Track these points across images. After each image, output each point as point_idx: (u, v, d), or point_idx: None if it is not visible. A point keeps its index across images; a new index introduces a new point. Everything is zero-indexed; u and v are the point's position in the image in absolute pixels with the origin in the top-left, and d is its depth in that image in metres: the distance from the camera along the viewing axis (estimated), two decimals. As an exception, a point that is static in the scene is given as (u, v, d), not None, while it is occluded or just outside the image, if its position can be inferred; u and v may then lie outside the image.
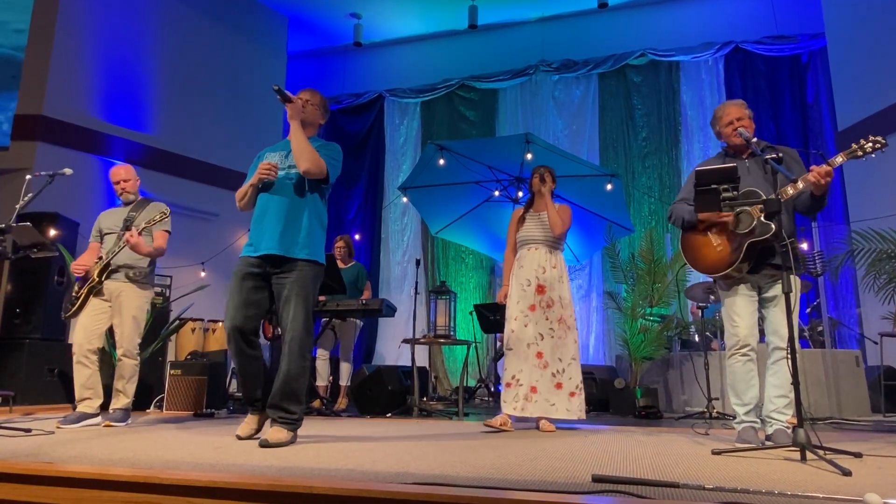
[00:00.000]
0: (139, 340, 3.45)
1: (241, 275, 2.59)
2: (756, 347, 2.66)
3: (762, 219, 2.51)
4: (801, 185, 2.45)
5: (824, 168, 2.38)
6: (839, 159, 2.43)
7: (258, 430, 2.66)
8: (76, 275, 3.44)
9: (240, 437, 2.61)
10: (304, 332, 2.53)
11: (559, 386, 3.25)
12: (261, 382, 2.67)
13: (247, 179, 2.73)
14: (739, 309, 2.64)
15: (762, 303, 2.68)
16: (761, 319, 2.71)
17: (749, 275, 2.63)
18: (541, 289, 3.35)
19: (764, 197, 2.50)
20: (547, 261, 3.40)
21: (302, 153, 2.55)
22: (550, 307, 3.33)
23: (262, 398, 2.64)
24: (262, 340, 6.51)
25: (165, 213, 3.41)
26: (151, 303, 3.72)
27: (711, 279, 2.86)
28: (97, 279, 3.36)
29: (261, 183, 2.65)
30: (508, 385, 3.30)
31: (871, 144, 2.40)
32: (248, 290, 2.58)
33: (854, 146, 2.44)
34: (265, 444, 2.36)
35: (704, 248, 2.68)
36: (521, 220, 3.54)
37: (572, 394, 3.26)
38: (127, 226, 3.41)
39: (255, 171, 2.67)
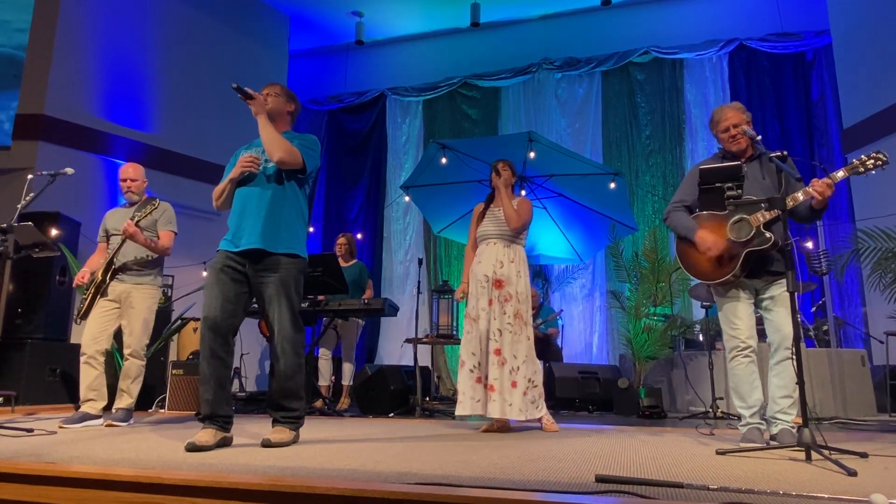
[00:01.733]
0: (147, 341, 3.45)
1: (220, 267, 2.47)
2: (756, 348, 2.64)
3: (761, 228, 2.51)
4: (801, 196, 2.45)
5: (826, 182, 2.38)
6: (840, 174, 2.44)
7: (214, 446, 2.32)
8: (77, 284, 3.44)
9: (194, 447, 2.23)
10: (293, 329, 2.49)
11: (514, 384, 3.12)
12: (228, 396, 2.45)
13: (223, 179, 2.66)
14: (739, 312, 2.63)
15: (760, 303, 2.67)
16: (760, 320, 2.70)
17: (746, 279, 2.62)
18: (498, 283, 3.24)
19: (762, 204, 2.50)
20: (504, 255, 3.28)
21: (272, 144, 2.50)
22: (508, 301, 3.21)
23: (224, 415, 2.42)
24: (261, 339, 6.51)
25: (155, 205, 3.39)
26: None
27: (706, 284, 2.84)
28: (101, 279, 3.36)
29: (241, 177, 2.60)
30: (479, 380, 3.19)
31: (872, 161, 2.41)
32: (227, 283, 2.45)
33: (856, 162, 2.44)
34: (268, 444, 2.36)
35: (701, 256, 2.67)
36: (482, 216, 3.45)
37: (525, 392, 3.12)
38: None
39: (231, 168, 2.63)
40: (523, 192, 5.60)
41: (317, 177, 2.78)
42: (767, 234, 2.51)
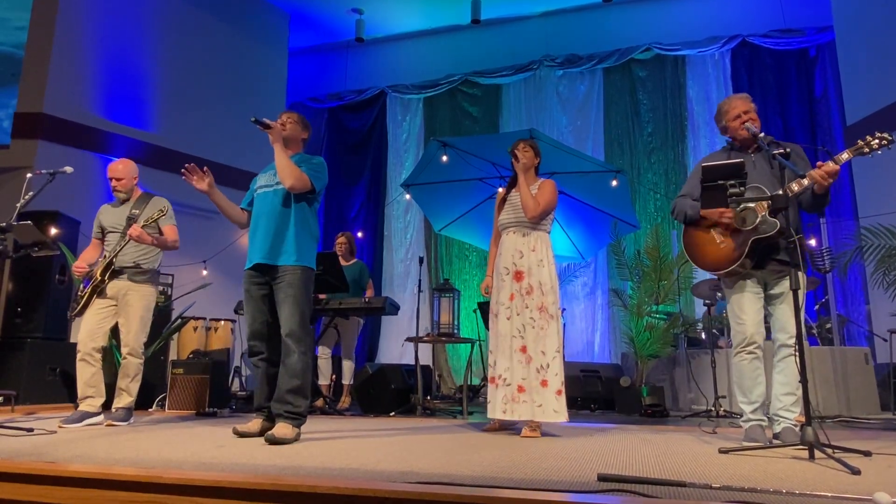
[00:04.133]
0: (145, 339, 3.44)
1: (247, 287, 2.81)
2: (762, 345, 2.62)
3: (767, 215, 2.48)
4: (806, 181, 2.42)
5: (831, 167, 2.34)
6: (845, 156, 2.40)
7: (258, 433, 2.69)
8: (77, 275, 3.43)
9: (237, 432, 2.68)
10: (299, 328, 2.65)
11: (545, 383, 2.88)
12: (271, 391, 2.74)
13: (243, 203, 3.00)
14: (745, 306, 2.61)
15: (768, 300, 2.65)
16: (767, 316, 2.68)
17: (754, 270, 2.60)
18: (519, 275, 3.03)
19: (768, 192, 2.48)
20: (524, 244, 3.07)
21: (285, 171, 2.73)
22: (530, 294, 2.98)
23: (269, 407, 2.72)
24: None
25: (164, 210, 3.40)
26: None
27: (715, 276, 2.83)
28: (100, 278, 3.35)
29: (209, 195, 2.88)
30: (496, 386, 3.01)
31: (877, 141, 2.38)
32: (255, 300, 2.78)
33: (860, 143, 2.41)
34: (270, 439, 2.43)
35: (708, 246, 2.65)
36: (503, 202, 3.22)
37: (559, 391, 2.89)
38: (130, 224, 3.39)
39: (251, 193, 2.96)
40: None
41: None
42: (773, 221, 2.48)
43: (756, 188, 2.52)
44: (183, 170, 2.84)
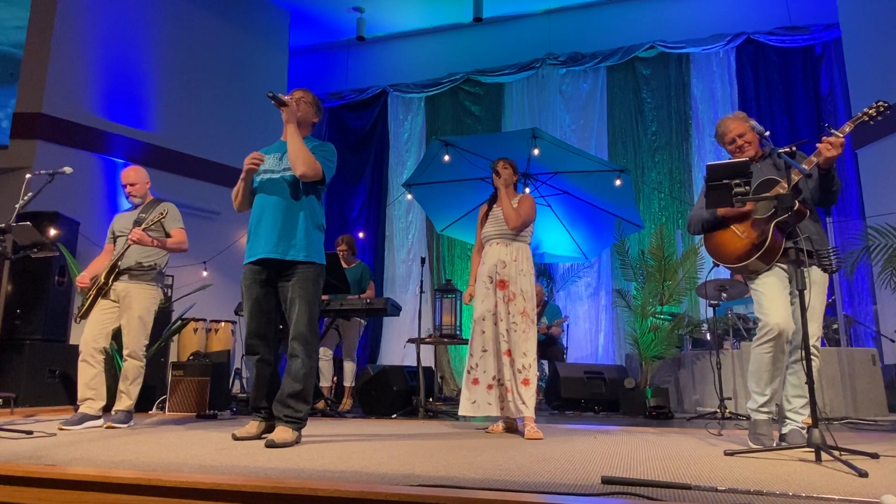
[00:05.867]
0: (146, 342, 3.43)
1: (248, 284, 2.65)
2: (790, 337, 2.47)
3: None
4: (813, 158, 2.40)
5: (836, 139, 2.32)
6: (847, 128, 2.40)
7: (257, 436, 2.65)
8: (80, 288, 3.42)
9: (236, 437, 2.62)
10: (308, 332, 2.57)
11: (526, 382, 3.08)
12: (269, 390, 2.68)
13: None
14: (773, 295, 2.49)
15: (791, 297, 2.59)
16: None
17: (779, 262, 2.51)
18: (503, 284, 3.22)
19: (779, 180, 2.47)
20: (507, 254, 3.26)
21: (298, 157, 2.57)
22: (513, 300, 3.19)
23: (267, 406, 2.65)
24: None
25: (163, 213, 3.39)
26: None
27: (741, 277, 2.79)
28: (104, 281, 3.35)
29: (248, 177, 2.68)
30: (490, 387, 3.17)
31: (874, 109, 2.39)
32: (256, 298, 2.64)
33: (860, 113, 2.42)
34: (271, 444, 2.39)
35: (731, 241, 2.60)
36: (486, 217, 3.43)
37: (536, 391, 3.14)
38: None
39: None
40: (527, 190, 5.56)
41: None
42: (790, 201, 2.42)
43: (769, 180, 2.49)
44: (254, 162, 2.60)
